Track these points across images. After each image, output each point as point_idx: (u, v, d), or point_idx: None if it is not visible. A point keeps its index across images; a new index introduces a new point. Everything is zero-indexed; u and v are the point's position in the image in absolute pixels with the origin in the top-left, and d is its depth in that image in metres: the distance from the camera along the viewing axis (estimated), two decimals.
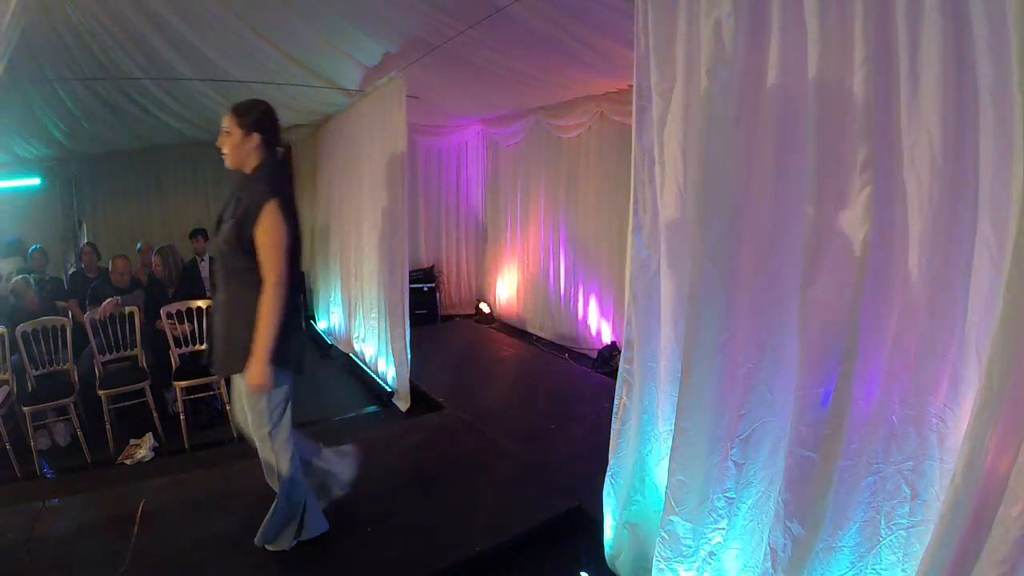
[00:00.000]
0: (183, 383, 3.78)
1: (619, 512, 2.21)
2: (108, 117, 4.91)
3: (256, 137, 2.11)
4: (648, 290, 2.05)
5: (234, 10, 3.08)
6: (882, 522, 1.44)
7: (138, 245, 5.28)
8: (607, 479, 2.23)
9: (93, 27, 3.23)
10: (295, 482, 2.26)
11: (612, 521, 2.24)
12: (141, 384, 3.73)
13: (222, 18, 3.17)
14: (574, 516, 2.65)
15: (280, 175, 2.30)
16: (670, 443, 2.00)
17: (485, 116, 6.33)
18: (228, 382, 3.98)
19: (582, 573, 2.33)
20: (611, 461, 2.21)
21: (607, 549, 2.28)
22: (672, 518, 1.84)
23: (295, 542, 2.34)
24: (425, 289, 6.41)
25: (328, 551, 2.41)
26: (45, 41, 3.32)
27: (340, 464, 2.62)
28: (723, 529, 1.80)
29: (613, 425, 2.20)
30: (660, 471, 2.09)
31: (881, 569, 1.45)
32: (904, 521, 1.42)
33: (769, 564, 1.57)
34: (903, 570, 1.42)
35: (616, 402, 2.17)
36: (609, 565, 2.27)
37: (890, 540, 1.43)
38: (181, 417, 3.79)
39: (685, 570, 1.86)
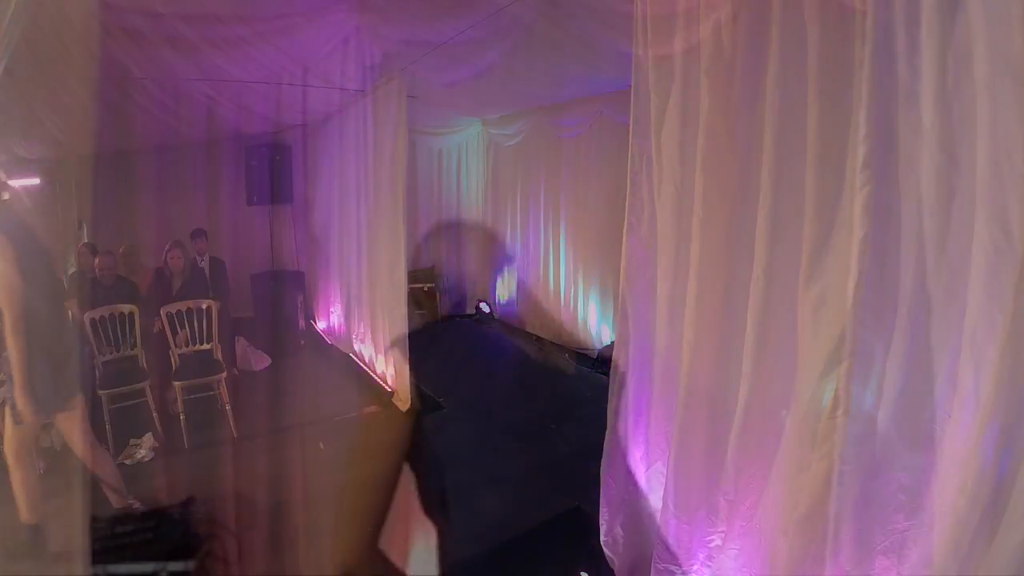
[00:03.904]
0: (183, 383, 3.78)
1: (616, 513, 2.20)
2: (108, 117, 4.91)
3: None
4: (643, 292, 2.04)
5: (234, 10, 3.08)
6: (876, 528, 1.42)
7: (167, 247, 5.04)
8: (602, 480, 2.23)
9: (93, 27, 3.23)
10: None
11: (609, 522, 2.24)
12: (141, 384, 3.73)
13: (222, 18, 3.17)
14: (574, 516, 2.65)
15: None
16: (665, 445, 1.99)
17: (485, 116, 6.33)
18: (228, 382, 3.99)
19: (582, 573, 2.33)
20: (605, 462, 2.21)
21: (605, 549, 2.28)
22: (670, 520, 1.83)
23: None
24: (425, 289, 6.41)
25: (328, 551, 2.41)
26: (45, 41, 3.31)
27: None
28: (722, 532, 1.79)
29: (607, 427, 2.20)
30: (654, 473, 2.09)
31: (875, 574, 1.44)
32: (900, 526, 1.40)
33: (770, 566, 1.56)
34: (898, 574, 1.41)
35: (609, 404, 2.17)
36: (608, 565, 2.27)
37: (884, 546, 1.42)
38: (181, 417, 3.79)
39: (684, 572, 1.85)
